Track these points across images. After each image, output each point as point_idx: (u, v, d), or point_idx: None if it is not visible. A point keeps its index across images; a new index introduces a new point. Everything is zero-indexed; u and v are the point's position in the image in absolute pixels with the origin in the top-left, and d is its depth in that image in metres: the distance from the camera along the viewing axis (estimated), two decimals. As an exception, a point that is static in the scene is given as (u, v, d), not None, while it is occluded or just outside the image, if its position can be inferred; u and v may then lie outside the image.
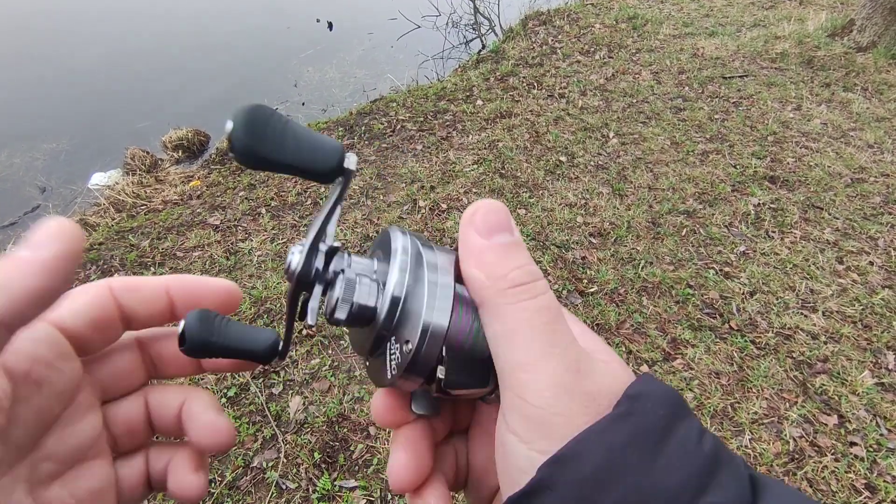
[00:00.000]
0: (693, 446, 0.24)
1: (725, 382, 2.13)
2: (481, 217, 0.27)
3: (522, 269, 0.26)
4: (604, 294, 2.53)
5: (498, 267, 0.26)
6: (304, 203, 3.19)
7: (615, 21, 5.65)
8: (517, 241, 0.28)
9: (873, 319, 2.38)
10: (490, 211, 0.28)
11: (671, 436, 0.24)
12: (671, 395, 0.26)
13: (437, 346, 0.28)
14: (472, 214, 0.28)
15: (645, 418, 0.24)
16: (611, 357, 0.28)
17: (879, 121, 3.82)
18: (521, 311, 0.25)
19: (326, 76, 5.82)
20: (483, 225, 0.27)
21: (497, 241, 0.27)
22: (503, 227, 0.27)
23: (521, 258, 0.27)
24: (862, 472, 1.84)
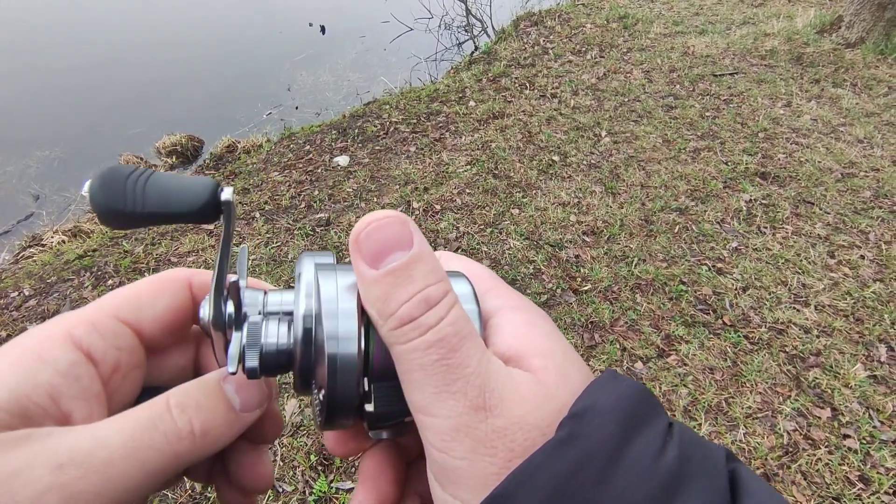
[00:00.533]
0: (650, 463, 0.21)
1: (719, 378, 2.15)
2: (366, 239, 0.24)
3: (413, 299, 0.23)
4: (598, 292, 2.54)
5: (386, 303, 0.23)
6: (298, 206, 3.19)
7: (606, 21, 5.68)
8: (413, 257, 0.23)
9: (865, 312, 2.40)
10: (376, 229, 0.24)
11: (624, 455, 0.21)
12: (627, 400, 0.23)
13: (351, 380, 0.24)
14: (356, 237, 0.24)
15: (591, 440, 0.21)
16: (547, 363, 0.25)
17: (869, 116, 3.85)
18: (410, 351, 0.23)
19: (320, 80, 5.83)
20: (370, 250, 0.24)
21: (386, 268, 0.23)
22: (394, 244, 0.23)
23: (414, 284, 0.23)
24: (856, 465, 1.85)
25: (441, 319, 0.23)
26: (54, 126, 4.89)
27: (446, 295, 0.23)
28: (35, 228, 3.65)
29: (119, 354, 0.26)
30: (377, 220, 0.24)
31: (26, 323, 2.53)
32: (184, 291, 0.29)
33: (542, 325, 0.27)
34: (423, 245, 0.24)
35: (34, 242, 3.40)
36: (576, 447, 0.21)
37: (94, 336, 0.25)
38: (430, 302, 0.23)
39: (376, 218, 0.24)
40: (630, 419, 0.23)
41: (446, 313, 0.23)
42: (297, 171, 3.58)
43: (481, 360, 0.23)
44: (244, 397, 0.26)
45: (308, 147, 3.87)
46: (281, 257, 2.80)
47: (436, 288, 0.23)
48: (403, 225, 0.24)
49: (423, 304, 0.23)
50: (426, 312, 0.23)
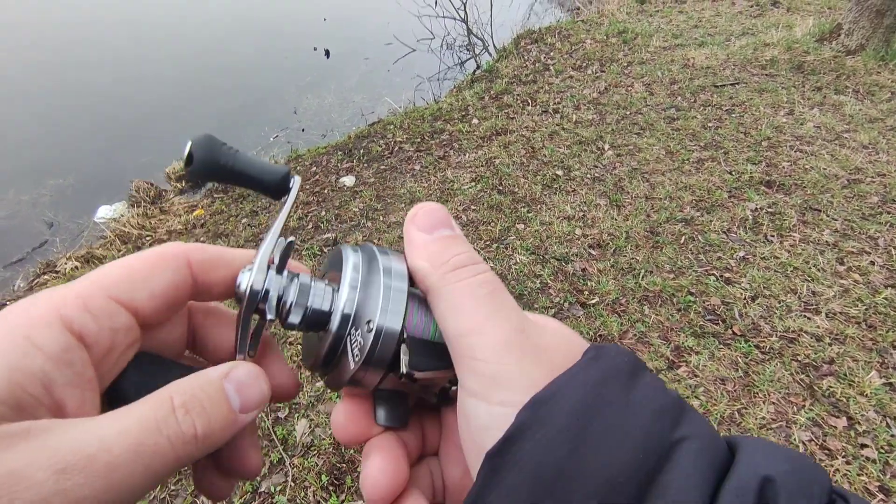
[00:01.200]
0: (661, 387, 0.26)
1: (731, 388, 2.12)
2: (422, 216, 0.30)
3: (463, 254, 0.29)
4: (605, 305, 2.53)
5: (440, 255, 0.29)
6: (306, 227, 3.23)
7: (606, 36, 5.75)
8: (457, 234, 0.30)
9: (877, 319, 2.37)
10: (430, 211, 0.30)
11: (639, 377, 0.26)
12: (632, 353, 0.28)
13: (393, 340, 0.29)
14: (413, 215, 0.30)
15: (614, 360, 0.26)
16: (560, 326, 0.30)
17: (873, 121, 3.85)
18: (464, 286, 0.27)
19: (325, 102, 5.93)
20: (424, 222, 0.30)
21: (438, 234, 0.30)
22: (443, 223, 0.30)
23: (462, 247, 0.29)
24: (875, 475, 1.82)
25: (488, 270, 0.29)
26: (67, 155, 5.00)
27: (484, 262, 0.29)
28: (49, 255, 3.72)
29: (113, 335, 0.25)
30: (429, 206, 0.31)
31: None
32: (183, 268, 0.28)
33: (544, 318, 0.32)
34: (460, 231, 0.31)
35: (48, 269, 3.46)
36: (602, 364, 0.26)
37: (87, 317, 0.24)
38: (475, 259, 0.29)
39: (427, 204, 0.31)
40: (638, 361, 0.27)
41: (487, 269, 0.29)
42: (304, 192, 3.62)
43: (515, 304, 0.28)
44: (244, 398, 0.26)
45: (314, 168, 3.93)
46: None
47: (476, 255, 0.29)
48: (447, 213, 0.31)
49: (472, 258, 0.29)
50: (475, 263, 0.29)
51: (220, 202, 3.77)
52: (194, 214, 3.74)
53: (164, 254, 0.28)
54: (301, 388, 0.32)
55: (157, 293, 0.27)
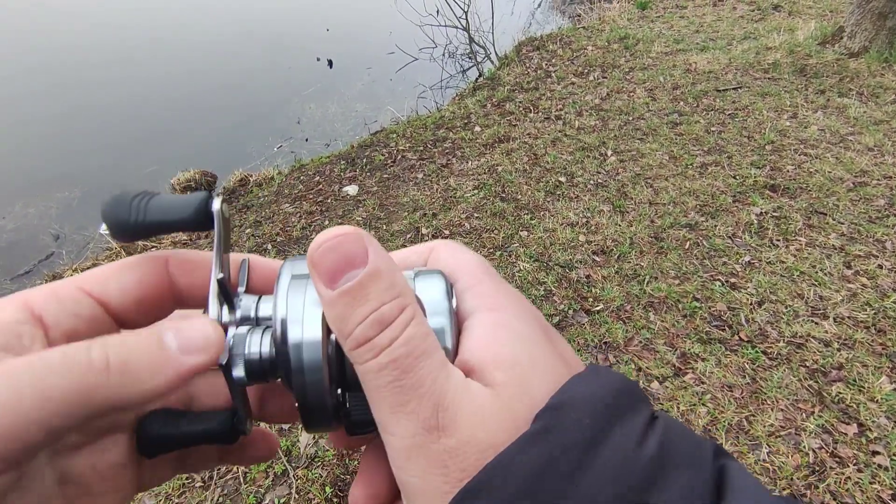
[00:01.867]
0: (630, 453, 0.21)
1: (739, 395, 2.10)
2: (321, 259, 0.23)
3: (367, 320, 0.23)
4: (610, 312, 2.52)
5: (343, 324, 0.23)
6: (310, 237, 3.24)
7: (607, 42, 5.77)
8: (368, 275, 0.23)
9: (887, 323, 2.34)
10: (331, 247, 0.23)
11: (601, 446, 0.21)
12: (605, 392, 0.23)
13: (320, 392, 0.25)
14: (311, 256, 0.24)
15: (566, 433, 0.21)
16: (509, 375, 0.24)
17: (877, 124, 3.83)
18: (366, 372, 0.23)
19: (328, 112, 5.96)
20: (325, 270, 0.23)
21: (341, 288, 0.23)
22: (350, 261, 0.23)
23: (368, 304, 0.23)
24: (887, 483, 1.79)
25: (394, 340, 0.23)
26: (73, 168, 5.05)
27: (402, 312, 0.23)
28: (55, 268, 3.74)
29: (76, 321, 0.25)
30: (332, 237, 0.23)
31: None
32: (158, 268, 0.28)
33: (516, 328, 0.26)
34: (379, 260, 0.23)
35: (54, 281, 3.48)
36: (549, 440, 0.21)
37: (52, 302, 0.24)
38: (383, 322, 0.23)
39: (331, 235, 0.23)
40: (608, 410, 0.22)
41: (400, 333, 0.23)
42: (308, 201, 3.64)
43: (437, 379, 0.23)
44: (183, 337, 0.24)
45: (318, 178, 3.94)
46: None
47: (390, 306, 0.23)
48: (358, 240, 0.23)
49: (376, 324, 0.23)
50: (380, 333, 0.23)
51: (224, 213, 3.79)
52: (199, 225, 3.76)
53: (141, 256, 0.28)
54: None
55: (127, 288, 0.26)
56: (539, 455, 0.21)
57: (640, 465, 0.21)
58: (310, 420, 0.26)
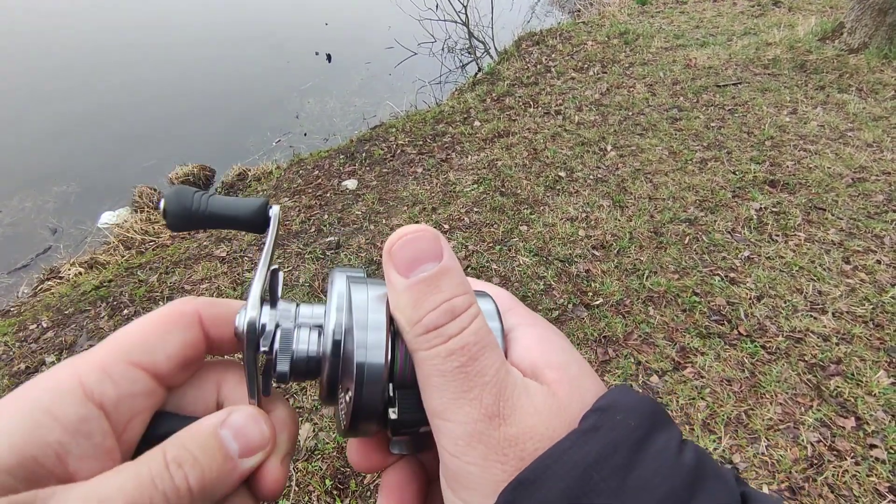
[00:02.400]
0: (672, 458, 0.22)
1: (738, 389, 2.11)
2: (399, 250, 0.25)
3: (439, 308, 0.24)
4: (609, 306, 2.52)
5: (414, 310, 0.24)
6: (309, 230, 3.23)
7: (607, 37, 5.75)
8: (442, 269, 0.25)
9: (885, 318, 2.35)
10: (409, 241, 0.25)
11: (646, 449, 0.22)
12: (646, 404, 0.24)
13: (377, 388, 0.26)
14: (389, 248, 0.25)
15: (615, 431, 0.22)
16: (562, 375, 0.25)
17: (877, 120, 3.83)
18: (432, 357, 0.24)
19: (327, 106, 5.94)
20: (402, 260, 0.25)
21: (417, 277, 0.24)
22: (425, 256, 0.25)
23: (441, 294, 0.24)
24: (884, 475, 1.79)
25: (464, 329, 0.24)
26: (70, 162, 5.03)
27: (470, 306, 0.25)
28: (53, 261, 3.73)
29: (134, 401, 0.25)
30: (410, 233, 0.25)
31: (44, 355, 2.57)
32: (195, 325, 0.28)
33: (557, 340, 0.28)
34: (452, 259, 0.25)
35: (52, 275, 3.47)
36: (601, 436, 0.22)
37: (107, 384, 0.24)
38: (454, 312, 0.24)
39: (410, 231, 0.25)
40: (651, 417, 0.24)
41: (469, 323, 0.24)
42: (307, 196, 3.63)
43: (499, 371, 0.24)
44: (243, 443, 0.25)
45: (317, 172, 3.93)
46: (292, 282, 2.82)
47: (461, 299, 0.24)
48: (435, 239, 0.25)
49: (448, 313, 0.24)
50: (450, 322, 0.24)
51: (222, 207, 3.78)
52: (197, 219, 3.75)
53: (176, 312, 0.27)
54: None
55: (172, 354, 0.27)
56: (591, 450, 0.22)
57: (682, 469, 0.22)
58: (358, 417, 0.27)
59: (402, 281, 0.25)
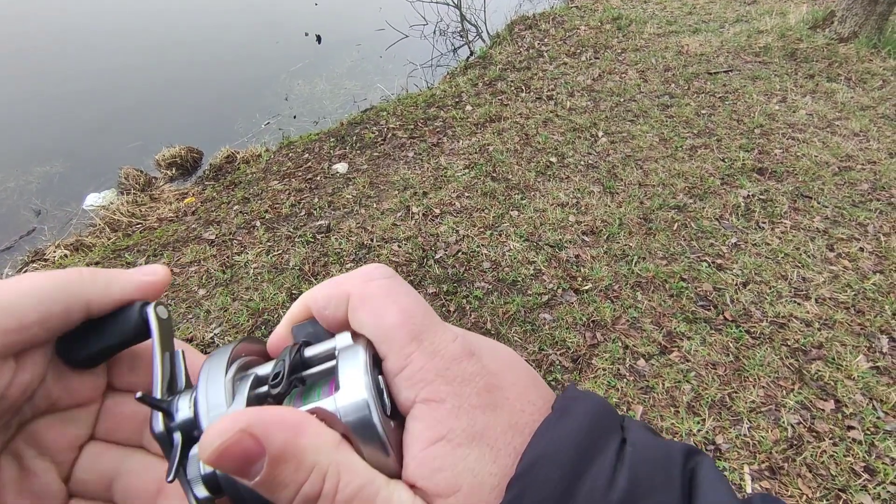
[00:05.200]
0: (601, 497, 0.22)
1: (722, 373, 2.15)
2: (222, 465, 0.21)
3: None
4: (598, 291, 2.55)
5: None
6: (299, 214, 3.21)
7: (600, 22, 5.72)
8: (272, 463, 0.21)
9: (866, 304, 2.41)
10: (223, 453, 0.21)
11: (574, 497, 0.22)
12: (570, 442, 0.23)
13: None
14: (211, 463, 0.21)
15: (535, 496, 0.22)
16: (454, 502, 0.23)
17: (864, 109, 3.87)
18: None
19: (316, 89, 5.86)
20: (232, 471, 0.21)
21: (255, 481, 0.21)
22: (245, 460, 0.21)
23: (288, 490, 0.22)
24: (860, 456, 1.85)
25: None
26: (53, 141, 4.92)
27: (325, 482, 0.22)
28: (37, 244, 3.67)
29: None
30: (221, 444, 0.21)
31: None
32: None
33: (455, 432, 0.23)
34: (276, 440, 0.21)
35: (37, 258, 3.42)
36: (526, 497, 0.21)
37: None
38: (310, 500, 0.22)
39: (214, 440, 0.21)
40: (575, 459, 0.22)
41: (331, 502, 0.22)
42: (297, 179, 3.60)
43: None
44: (142, 270, 0.29)
45: (307, 155, 3.89)
46: (282, 265, 2.81)
47: (310, 484, 0.21)
48: (242, 436, 0.21)
49: (311, 490, 0.21)
50: None
51: (210, 189, 3.73)
52: (185, 202, 3.70)
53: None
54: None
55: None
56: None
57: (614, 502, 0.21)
58: None
59: (250, 483, 0.21)
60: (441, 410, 0.23)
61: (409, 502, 0.22)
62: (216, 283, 2.74)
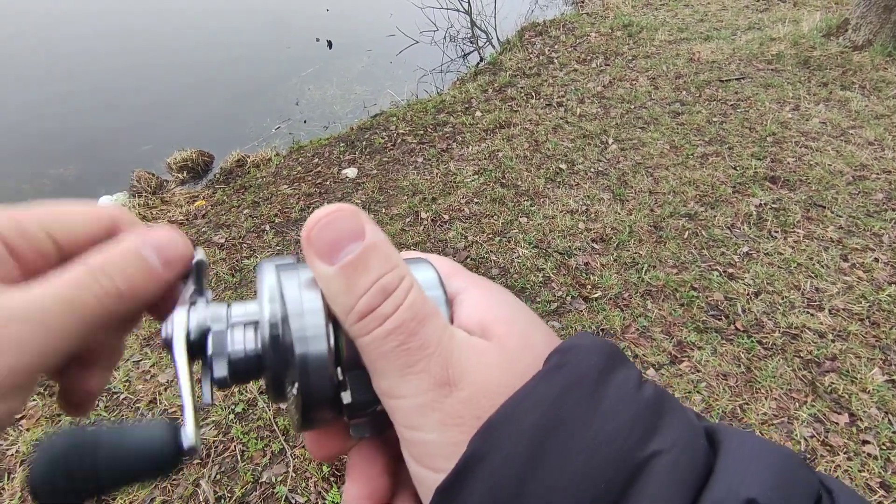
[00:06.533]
0: (634, 391, 0.23)
1: (733, 384, 2.12)
2: (318, 236, 0.24)
3: (370, 291, 0.23)
4: (608, 299, 2.53)
5: (346, 297, 0.23)
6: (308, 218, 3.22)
7: (611, 29, 5.71)
8: (367, 248, 0.24)
9: (881, 316, 2.37)
10: (327, 224, 0.24)
11: (609, 382, 0.23)
12: (607, 345, 0.25)
13: (324, 375, 0.24)
14: (308, 235, 0.24)
15: (579, 367, 0.23)
16: (510, 329, 0.25)
17: (879, 118, 3.82)
18: (371, 341, 0.23)
19: (327, 94, 5.90)
20: (323, 246, 0.24)
21: (341, 262, 0.23)
22: (347, 237, 0.24)
23: (370, 275, 0.23)
24: (876, 471, 1.82)
25: (399, 306, 0.23)
26: (68, 144, 4.98)
27: (402, 280, 0.24)
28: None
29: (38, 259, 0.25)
30: (327, 214, 0.24)
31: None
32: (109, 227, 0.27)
33: (504, 297, 0.28)
34: (376, 234, 0.24)
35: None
36: (565, 372, 0.23)
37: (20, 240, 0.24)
38: (387, 290, 0.23)
39: (326, 212, 0.24)
40: (611, 356, 0.24)
41: (403, 299, 0.23)
42: (307, 183, 3.61)
43: (442, 338, 0.23)
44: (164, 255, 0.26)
45: (317, 160, 3.91)
46: (291, 269, 2.82)
47: (391, 276, 0.23)
48: (354, 216, 0.24)
49: (380, 293, 0.23)
50: (384, 301, 0.23)
51: (221, 192, 3.76)
52: (196, 205, 3.73)
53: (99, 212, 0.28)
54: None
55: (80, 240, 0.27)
56: (556, 386, 0.22)
57: (644, 400, 0.23)
58: (310, 408, 0.25)
59: (327, 269, 0.23)
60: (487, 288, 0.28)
61: (464, 333, 0.25)
62: (225, 286, 2.75)
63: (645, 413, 0.22)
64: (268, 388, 0.26)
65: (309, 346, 0.24)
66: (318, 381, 0.24)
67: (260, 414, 2.08)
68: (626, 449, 0.21)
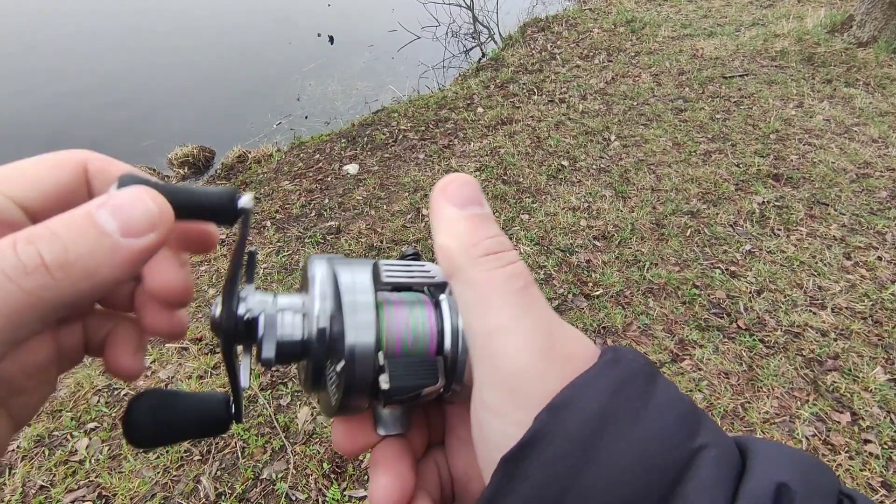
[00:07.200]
0: (677, 393, 0.25)
1: (735, 382, 2.12)
2: (454, 188, 0.28)
3: (494, 238, 0.26)
4: (609, 297, 2.52)
5: (471, 236, 0.26)
6: (309, 214, 3.21)
7: (613, 25, 5.68)
8: (488, 213, 0.28)
9: (883, 315, 2.36)
10: (463, 183, 0.28)
11: (656, 381, 0.25)
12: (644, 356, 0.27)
13: (368, 361, 0.27)
14: (444, 186, 0.28)
15: (631, 366, 0.25)
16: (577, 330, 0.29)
17: (883, 115, 3.80)
18: (493, 277, 0.25)
19: (328, 89, 5.88)
20: (456, 196, 0.27)
21: (470, 211, 0.27)
22: (475, 199, 0.28)
23: (493, 229, 0.27)
24: (878, 470, 1.81)
25: (519, 260, 0.26)
26: (69, 140, 4.98)
27: (514, 249, 0.27)
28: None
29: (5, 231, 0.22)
30: (461, 178, 0.28)
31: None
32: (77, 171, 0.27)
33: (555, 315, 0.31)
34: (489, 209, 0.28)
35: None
36: (621, 367, 0.25)
37: None
38: (506, 245, 0.27)
39: (459, 176, 0.28)
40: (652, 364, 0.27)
41: (517, 258, 0.27)
42: (307, 179, 3.60)
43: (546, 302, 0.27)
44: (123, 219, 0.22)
45: (318, 156, 3.90)
46: (292, 266, 2.81)
47: (505, 238, 0.27)
48: (479, 188, 0.28)
49: (503, 244, 0.27)
50: (506, 251, 0.26)
51: (222, 189, 3.75)
52: (197, 201, 3.73)
53: (59, 157, 0.27)
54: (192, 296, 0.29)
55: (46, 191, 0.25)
56: (615, 378, 0.24)
57: (686, 403, 0.25)
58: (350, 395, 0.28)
59: (458, 212, 0.27)
60: None
61: None
62: (226, 282, 2.75)
63: (688, 413, 0.24)
64: (306, 374, 0.29)
65: (359, 335, 0.27)
66: (362, 367, 0.27)
67: (260, 411, 2.08)
68: (678, 440, 0.23)
